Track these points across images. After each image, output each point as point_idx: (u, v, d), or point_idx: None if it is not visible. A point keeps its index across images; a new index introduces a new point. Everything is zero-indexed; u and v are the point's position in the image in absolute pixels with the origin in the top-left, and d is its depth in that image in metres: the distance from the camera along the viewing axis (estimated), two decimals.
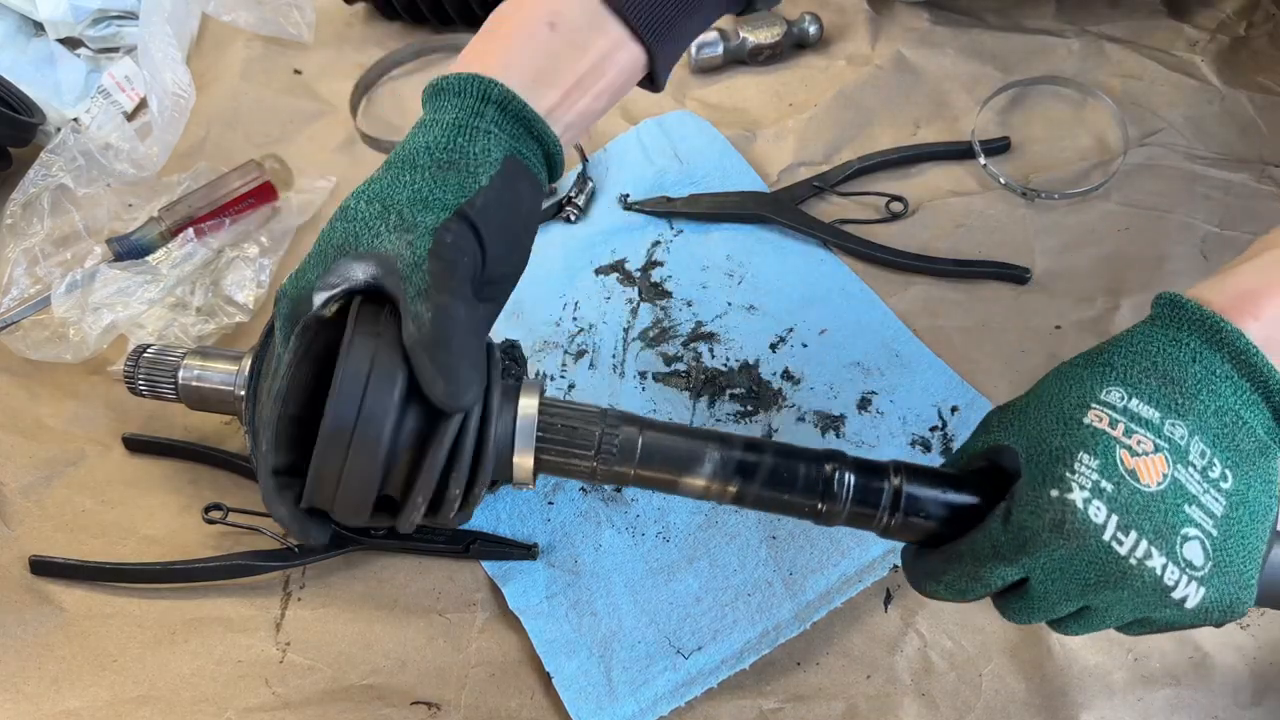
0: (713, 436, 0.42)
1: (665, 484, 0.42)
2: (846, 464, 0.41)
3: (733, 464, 0.41)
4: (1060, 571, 0.36)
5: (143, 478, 0.62)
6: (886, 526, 0.41)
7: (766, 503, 0.42)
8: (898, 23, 0.80)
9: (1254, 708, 0.50)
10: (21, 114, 0.74)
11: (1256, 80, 0.74)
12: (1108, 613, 0.38)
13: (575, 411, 0.42)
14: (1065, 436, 0.37)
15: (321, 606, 0.56)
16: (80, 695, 0.53)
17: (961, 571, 0.38)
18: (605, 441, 0.40)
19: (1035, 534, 0.36)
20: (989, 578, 0.38)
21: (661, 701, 0.51)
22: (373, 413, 0.36)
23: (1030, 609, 0.38)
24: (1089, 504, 0.35)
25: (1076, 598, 0.37)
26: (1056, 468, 0.36)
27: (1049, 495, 0.36)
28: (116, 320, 0.64)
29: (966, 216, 0.69)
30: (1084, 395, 0.38)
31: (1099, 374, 0.38)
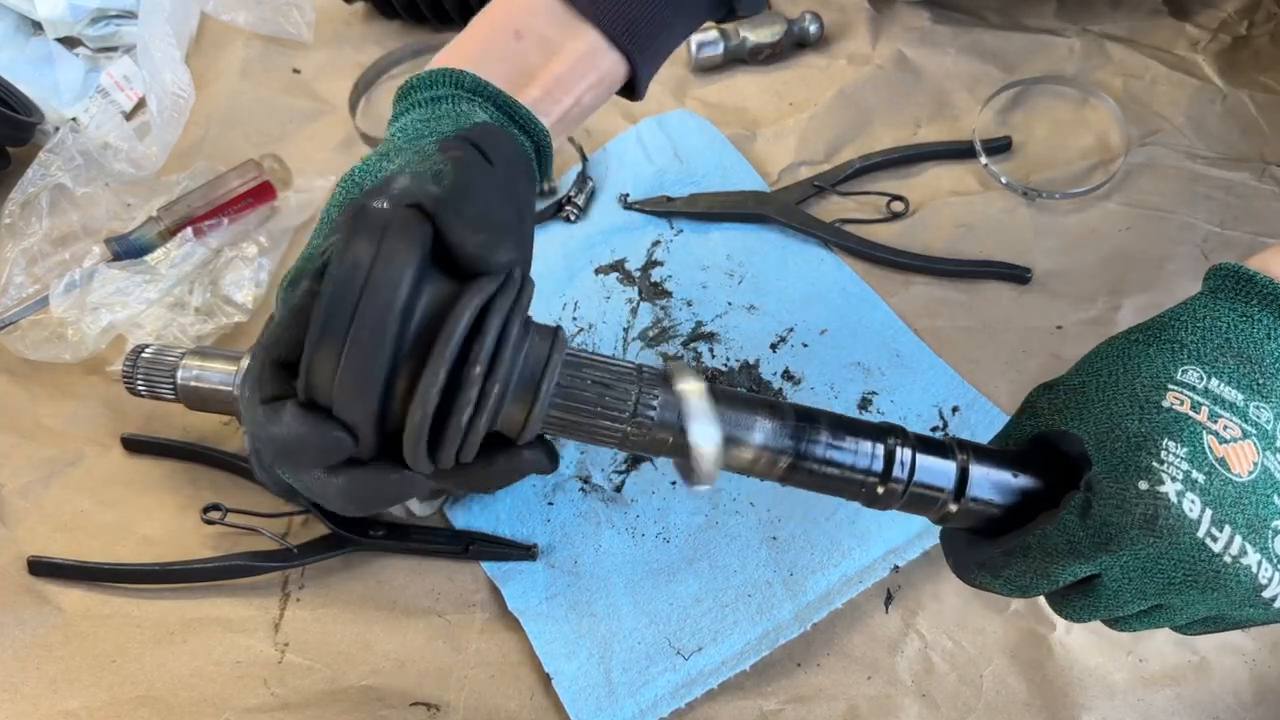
0: (763, 404, 0.36)
1: None
2: (908, 440, 0.36)
3: (786, 434, 0.35)
4: (1143, 570, 0.33)
5: (141, 478, 0.62)
6: (946, 513, 0.36)
7: (819, 480, 0.36)
8: (898, 22, 0.80)
9: (1254, 708, 0.50)
10: (20, 113, 0.74)
11: (1258, 79, 0.74)
12: (1181, 611, 0.35)
13: (605, 365, 0.35)
14: (1144, 421, 0.33)
15: (320, 607, 0.56)
16: (79, 696, 0.53)
17: (1027, 568, 0.35)
18: (643, 403, 0.34)
19: (1122, 530, 0.32)
20: (1058, 575, 0.34)
21: (661, 702, 0.51)
22: (385, 277, 0.29)
23: (1096, 607, 0.35)
24: (1183, 497, 0.32)
25: (1154, 597, 0.34)
26: (1140, 456, 0.33)
27: (1137, 488, 0.32)
28: (115, 320, 0.63)
29: (967, 216, 0.69)
30: (1158, 375, 0.34)
31: (1169, 351, 0.35)
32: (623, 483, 0.59)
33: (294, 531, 0.59)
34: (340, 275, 0.29)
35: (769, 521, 0.56)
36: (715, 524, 0.57)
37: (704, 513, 0.57)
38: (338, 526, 0.56)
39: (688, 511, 0.57)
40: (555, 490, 0.59)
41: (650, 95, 0.78)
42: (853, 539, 0.55)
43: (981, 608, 0.53)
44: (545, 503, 0.59)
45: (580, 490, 0.59)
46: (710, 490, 0.58)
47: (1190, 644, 0.51)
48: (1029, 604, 0.53)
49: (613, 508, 0.58)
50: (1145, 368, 0.35)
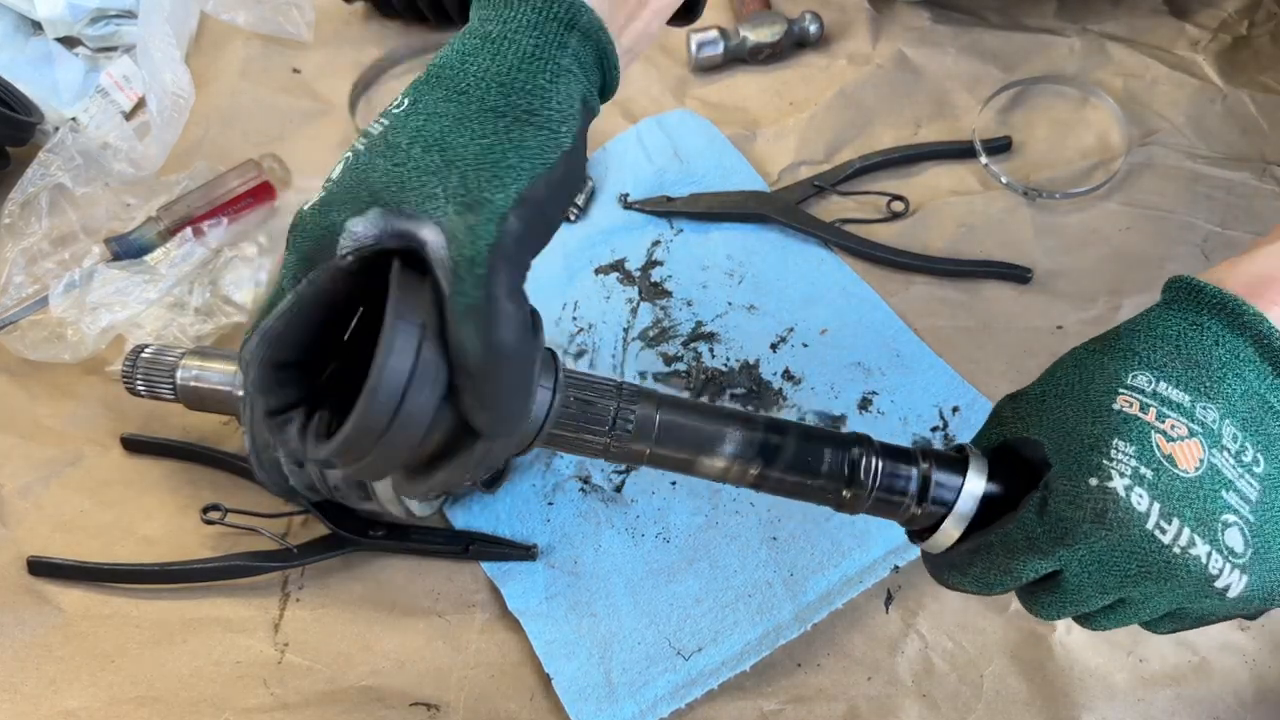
0: (735, 416, 0.39)
1: (682, 464, 0.39)
2: (873, 449, 0.39)
3: (755, 445, 0.38)
4: (1099, 563, 0.35)
5: (141, 478, 0.61)
6: (912, 515, 0.39)
7: (788, 487, 0.39)
8: (899, 21, 0.80)
9: (1255, 708, 0.50)
10: (20, 113, 0.74)
11: (1258, 79, 0.74)
12: (1143, 605, 0.37)
13: (588, 383, 0.38)
14: (1096, 423, 0.35)
15: (320, 607, 0.56)
16: (78, 696, 0.53)
17: (991, 564, 0.37)
18: (621, 417, 0.37)
19: (1075, 525, 0.34)
20: (1020, 571, 0.36)
21: (661, 703, 0.51)
22: (410, 415, 0.32)
23: (1062, 603, 0.37)
24: (1130, 491, 0.34)
25: (1114, 590, 0.36)
26: (1091, 456, 0.35)
27: (1088, 484, 0.34)
28: (115, 320, 0.63)
29: (968, 216, 0.69)
30: (1110, 380, 0.36)
31: (1121, 358, 0.37)
32: (623, 483, 0.59)
33: (294, 531, 0.58)
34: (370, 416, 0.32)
35: (769, 522, 0.56)
36: (715, 524, 0.57)
37: (704, 513, 0.57)
38: (337, 527, 0.56)
39: (688, 511, 0.57)
40: (555, 490, 0.59)
41: (650, 95, 0.78)
42: (853, 539, 0.55)
43: (982, 608, 0.53)
44: (545, 503, 0.59)
45: (580, 490, 0.59)
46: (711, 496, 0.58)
47: (1191, 644, 0.51)
48: None
49: (613, 508, 0.58)
50: (1099, 374, 0.37)
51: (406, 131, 0.35)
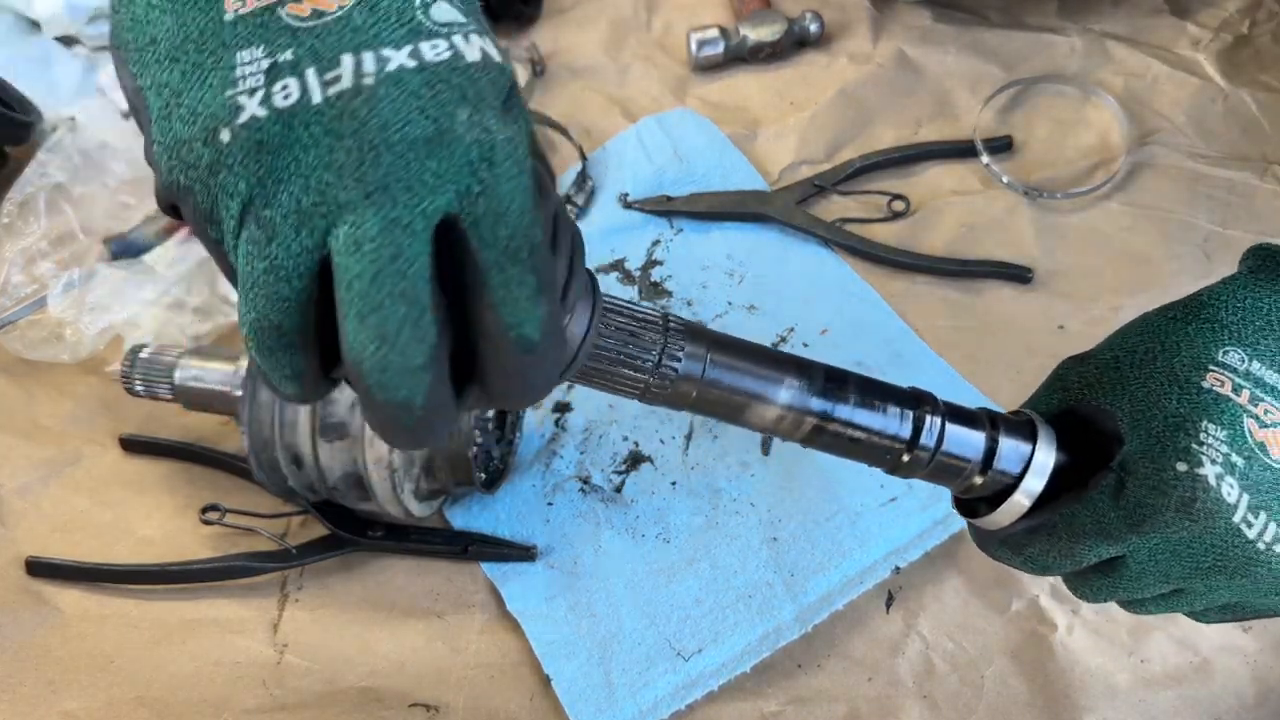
0: (791, 361, 0.35)
1: (732, 411, 0.35)
2: (938, 408, 0.36)
3: (814, 394, 0.34)
4: (1171, 553, 0.32)
5: (139, 478, 0.61)
6: (970, 485, 0.35)
7: (844, 444, 0.35)
8: (899, 20, 0.80)
9: (1256, 709, 0.49)
10: (18, 112, 0.74)
11: (1259, 79, 0.73)
12: (1204, 596, 0.34)
13: (631, 312, 0.33)
14: (1183, 401, 0.32)
15: (319, 608, 0.56)
16: (77, 697, 0.53)
17: (1051, 546, 0.34)
18: (667, 354, 0.33)
19: (1156, 513, 0.32)
20: (1083, 555, 0.34)
21: (661, 704, 0.51)
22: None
23: (1116, 588, 0.35)
24: (1221, 481, 0.31)
25: (1178, 580, 0.33)
26: (1178, 437, 0.32)
27: (1175, 469, 0.31)
28: (113, 320, 0.63)
29: (968, 215, 0.69)
30: (1198, 355, 0.33)
31: (1209, 331, 0.34)
32: (622, 483, 0.59)
33: (293, 532, 0.58)
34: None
35: (769, 522, 0.56)
36: (715, 524, 0.57)
37: (704, 513, 0.57)
38: (336, 527, 0.56)
39: (688, 512, 0.57)
40: (555, 491, 0.59)
41: (650, 94, 0.78)
42: (854, 540, 0.55)
43: (983, 608, 0.53)
44: (545, 503, 0.58)
45: (580, 491, 0.59)
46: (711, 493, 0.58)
47: (1192, 645, 0.51)
48: (1030, 605, 0.53)
49: (612, 508, 0.58)
50: (1184, 346, 0.34)
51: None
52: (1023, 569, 0.36)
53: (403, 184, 0.24)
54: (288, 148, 0.24)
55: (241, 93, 0.25)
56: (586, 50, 0.80)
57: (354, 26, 0.25)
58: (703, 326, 0.35)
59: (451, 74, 0.25)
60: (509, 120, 0.25)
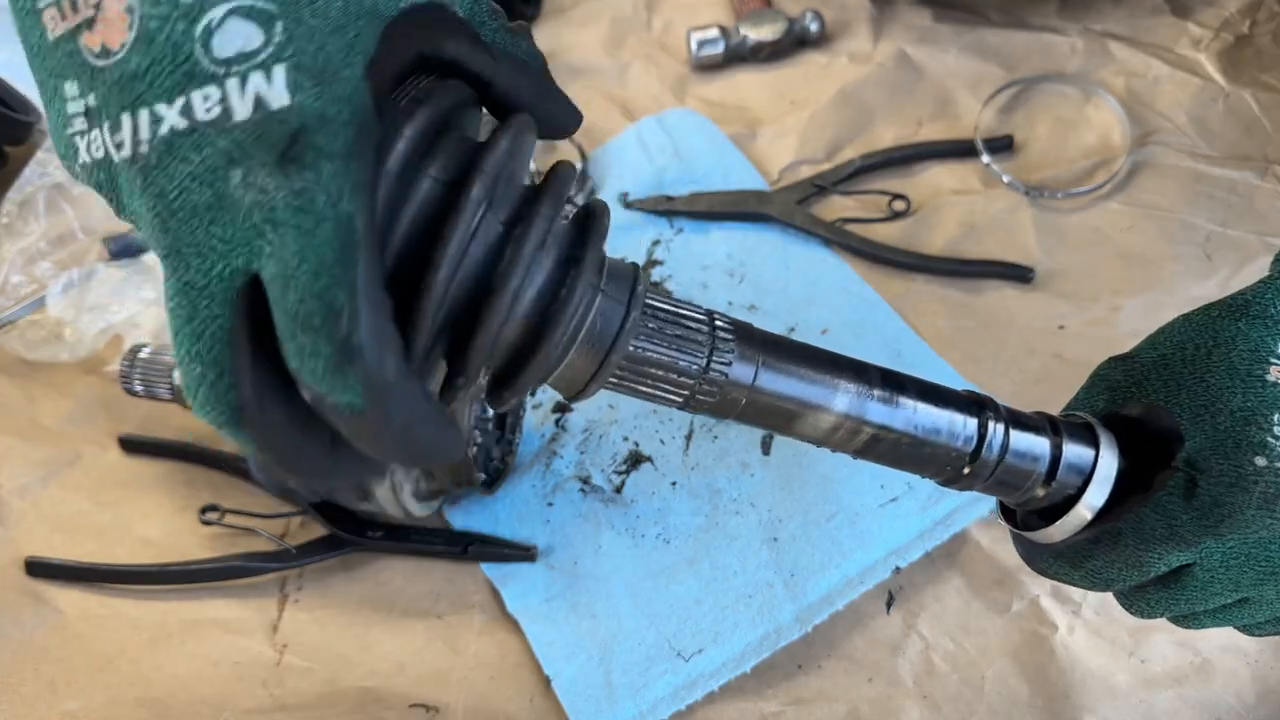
0: (845, 363, 0.33)
1: (783, 420, 0.32)
2: (1001, 416, 0.33)
3: (872, 401, 0.32)
4: (1246, 557, 0.31)
5: (139, 478, 0.61)
6: (1031, 498, 0.33)
7: (901, 455, 0.33)
8: (900, 20, 0.80)
9: (1256, 709, 0.49)
10: (17, 112, 0.74)
11: (1260, 78, 0.73)
12: (1267, 606, 0.33)
13: (674, 312, 0.31)
14: (1249, 395, 0.31)
15: (319, 608, 0.56)
16: (77, 697, 0.53)
17: (1118, 556, 0.32)
18: (716, 358, 0.30)
19: (1236, 511, 0.30)
20: (1152, 564, 0.32)
21: (662, 705, 0.51)
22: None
23: (1179, 600, 0.33)
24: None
25: (1247, 588, 0.32)
26: (1250, 431, 0.30)
27: (1254, 464, 0.30)
28: (113, 320, 0.63)
29: (969, 215, 0.69)
30: (1256, 349, 0.32)
31: (1264, 325, 0.32)
32: (623, 484, 0.59)
33: (292, 532, 0.58)
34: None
35: (770, 522, 0.56)
36: (716, 525, 0.56)
37: (704, 513, 0.57)
38: (336, 527, 0.56)
39: (688, 512, 0.57)
40: (555, 491, 0.59)
41: (650, 94, 0.78)
42: (854, 540, 0.54)
43: (983, 609, 0.53)
44: (545, 504, 0.58)
45: (580, 491, 0.59)
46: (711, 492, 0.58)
47: (1193, 645, 0.51)
48: (1031, 605, 0.53)
49: (612, 509, 0.58)
50: (1240, 341, 0.32)
51: None
52: (1082, 585, 0.34)
53: (193, 249, 0.23)
54: (116, 191, 0.25)
55: (75, 133, 0.24)
56: (586, 50, 0.80)
57: (131, 74, 0.23)
58: (752, 326, 0.32)
59: (219, 136, 0.23)
60: (290, 174, 0.23)
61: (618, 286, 0.29)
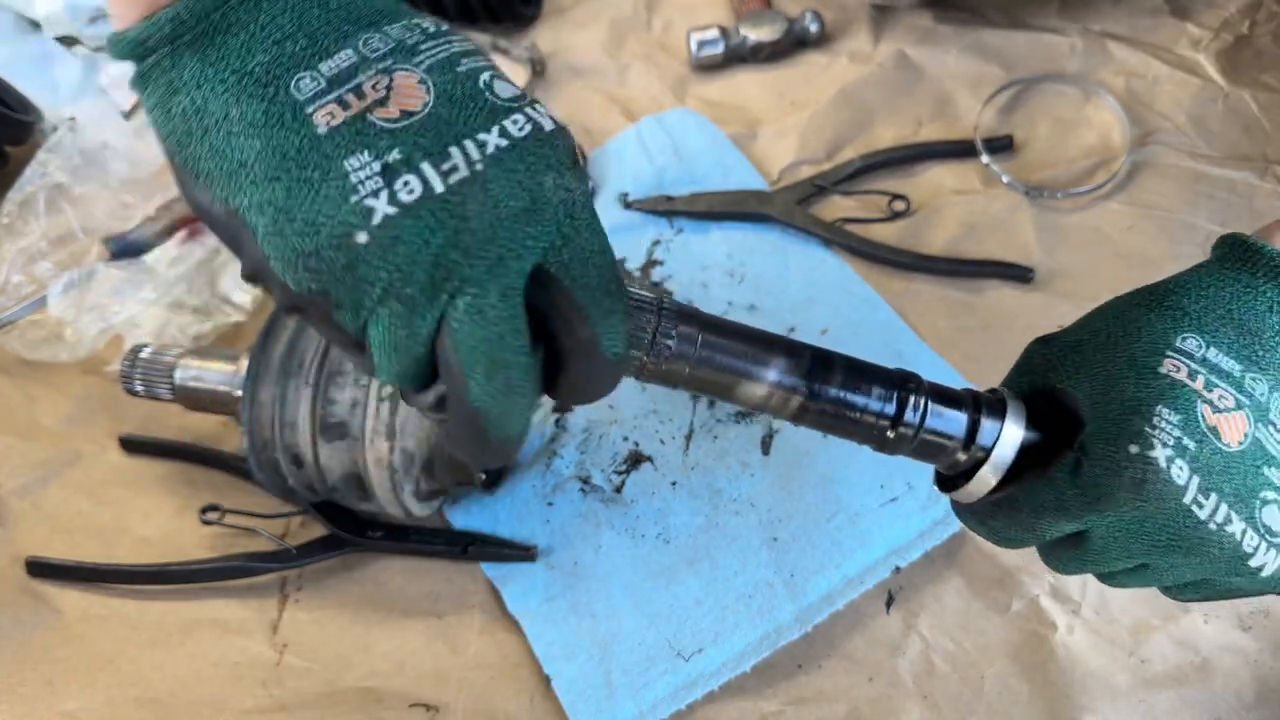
0: (779, 342, 0.37)
1: (722, 388, 0.37)
2: (922, 388, 0.37)
3: (801, 372, 0.36)
4: (1127, 531, 0.34)
5: (139, 478, 0.61)
6: (954, 462, 0.37)
7: (830, 421, 0.37)
8: (900, 20, 0.80)
9: (1256, 709, 0.49)
10: (18, 112, 0.74)
11: (1260, 79, 0.73)
12: (1167, 573, 0.36)
13: (631, 297, 0.36)
14: (1140, 386, 0.34)
15: (319, 608, 0.56)
16: (77, 697, 0.53)
17: (1014, 520, 0.36)
18: (661, 334, 0.35)
19: (1110, 492, 0.33)
20: (1044, 530, 0.35)
21: (662, 704, 0.51)
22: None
23: (1082, 561, 0.36)
24: (1171, 463, 0.32)
25: (1139, 556, 0.35)
26: (1133, 420, 0.33)
27: (1128, 451, 0.33)
28: (113, 320, 0.63)
29: (969, 215, 0.69)
30: (1157, 340, 0.34)
31: (1170, 317, 0.35)
32: (622, 483, 0.59)
33: (292, 532, 0.58)
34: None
35: (770, 522, 0.56)
36: (716, 525, 0.56)
37: (704, 513, 0.57)
38: (336, 527, 0.56)
39: (688, 512, 0.57)
40: (555, 491, 0.59)
41: (650, 94, 0.78)
42: (854, 540, 0.55)
43: (983, 609, 0.53)
44: (545, 504, 0.58)
45: (580, 491, 0.59)
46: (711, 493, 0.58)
47: (1193, 645, 0.51)
48: (1030, 605, 0.53)
49: (612, 509, 0.58)
50: (1145, 332, 0.35)
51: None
52: (989, 540, 0.38)
53: (513, 253, 0.29)
54: (418, 234, 0.28)
55: (366, 196, 0.28)
56: (587, 50, 0.80)
57: (445, 120, 0.29)
58: (696, 309, 0.37)
59: (537, 145, 0.29)
60: (579, 177, 0.30)
61: None
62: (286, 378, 0.51)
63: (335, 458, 0.51)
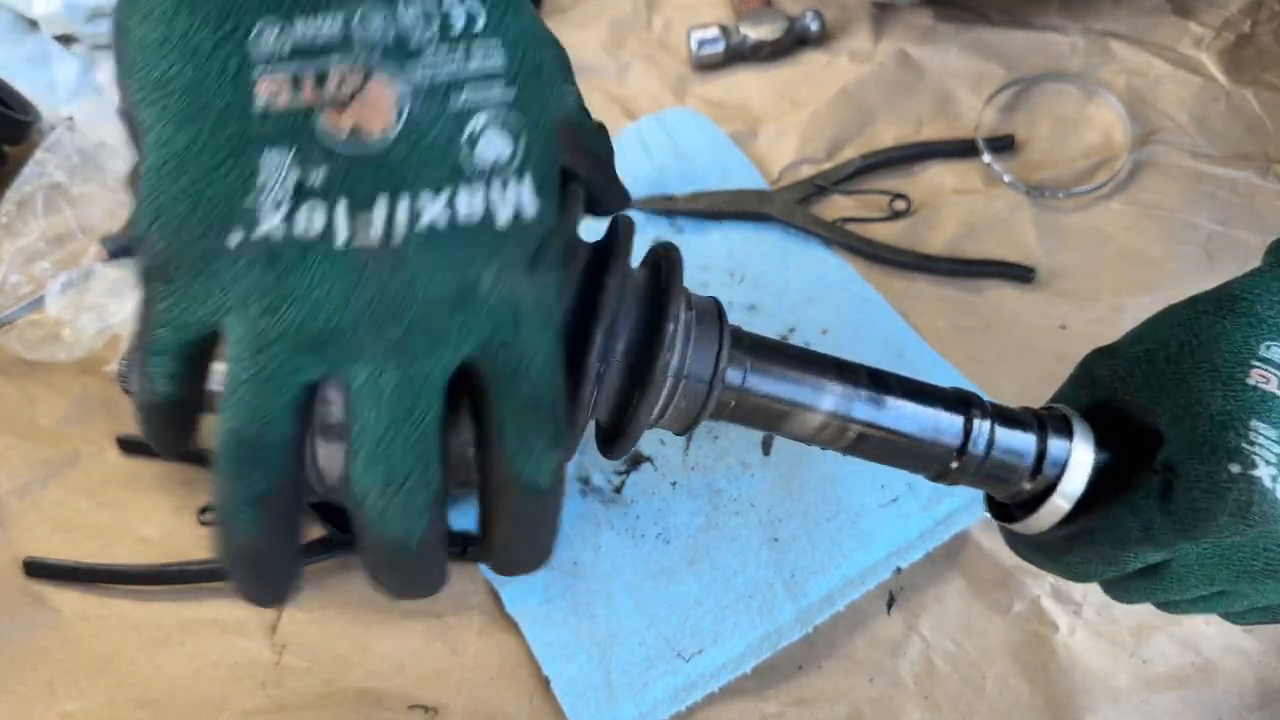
0: (830, 363, 0.34)
1: (772, 420, 0.33)
2: (987, 412, 0.34)
3: (859, 399, 0.33)
4: (1220, 557, 0.31)
5: (138, 479, 0.61)
6: (1019, 491, 0.34)
7: (889, 451, 0.34)
8: (901, 19, 0.80)
9: (1259, 711, 0.49)
10: (16, 111, 0.73)
11: (1263, 77, 0.73)
12: (1249, 599, 0.34)
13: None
14: (1229, 399, 0.31)
15: (318, 609, 0.55)
16: (75, 698, 0.53)
17: (1094, 553, 0.33)
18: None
19: (1210, 517, 0.30)
20: (1127, 562, 0.33)
21: (661, 705, 0.50)
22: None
23: (1157, 591, 0.34)
24: (1277, 482, 0.30)
25: (1223, 583, 0.32)
26: (1227, 436, 0.30)
27: (1228, 470, 0.30)
28: (111, 320, 0.63)
29: (970, 215, 0.69)
30: (1239, 350, 0.32)
31: (1247, 325, 0.32)
32: (622, 484, 0.59)
33: None
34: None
35: (770, 523, 0.56)
36: (716, 525, 0.56)
37: (704, 514, 0.57)
38: (335, 528, 0.56)
39: (688, 512, 0.57)
40: None
41: (650, 93, 0.77)
42: (854, 540, 0.54)
43: (984, 609, 0.53)
44: None
45: (580, 491, 0.58)
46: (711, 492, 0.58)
47: (1195, 646, 0.51)
48: (1032, 606, 0.53)
49: (612, 509, 0.58)
50: (1224, 341, 0.32)
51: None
52: (1061, 575, 0.35)
53: (425, 340, 0.24)
54: (300, 273, 0.23)
55: (264, 201, 0.23)
56: (586, 49, 0.80)
57: (394, 162, 0.24)
58: (740, 329, 0.33)
59: (481, 236, 0.24)
60: (536, 277, 0.25)
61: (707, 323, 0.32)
62: None
63: (334, 458, 0.51)
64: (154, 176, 0.24)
